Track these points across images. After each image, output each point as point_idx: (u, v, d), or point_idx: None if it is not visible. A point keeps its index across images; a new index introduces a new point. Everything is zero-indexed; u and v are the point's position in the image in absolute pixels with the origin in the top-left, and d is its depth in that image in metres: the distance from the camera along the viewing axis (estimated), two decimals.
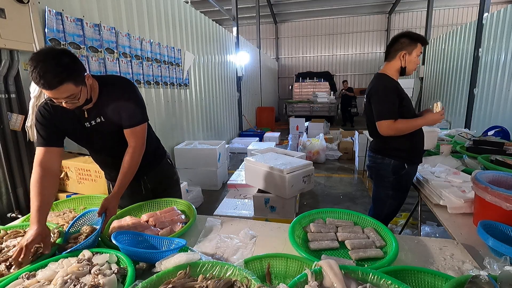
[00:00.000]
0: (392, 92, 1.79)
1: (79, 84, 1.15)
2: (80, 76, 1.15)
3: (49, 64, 1.05)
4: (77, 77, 1.13)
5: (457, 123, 6.80)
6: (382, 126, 1.78)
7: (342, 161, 5.87)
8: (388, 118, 1.75)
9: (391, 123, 1.75)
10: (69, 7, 2.58)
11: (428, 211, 1.71)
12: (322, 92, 11.18)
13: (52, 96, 1.12)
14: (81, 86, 1.16)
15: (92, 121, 1.32)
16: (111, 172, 1.61)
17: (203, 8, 9.80)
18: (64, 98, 1.13)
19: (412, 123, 1.79)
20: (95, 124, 1.33)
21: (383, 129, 1.78)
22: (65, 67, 1.08)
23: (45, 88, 1.07)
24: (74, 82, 1.12)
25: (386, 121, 1.75)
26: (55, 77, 1.06)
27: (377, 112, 1.81)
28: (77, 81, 1.13)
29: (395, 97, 1.78)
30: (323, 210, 1.39)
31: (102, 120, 1.33)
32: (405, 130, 1.79)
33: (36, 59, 1.04)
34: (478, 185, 1.28)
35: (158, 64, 4.00)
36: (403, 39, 1.80)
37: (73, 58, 1.14)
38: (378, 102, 1.81)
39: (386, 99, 1.78)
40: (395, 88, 1.80)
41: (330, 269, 0.82)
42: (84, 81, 1.18)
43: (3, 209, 2.14)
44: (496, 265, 0.93)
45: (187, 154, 4.30)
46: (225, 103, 7.01)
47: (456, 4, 11.81)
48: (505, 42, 5.05)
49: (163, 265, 0.92)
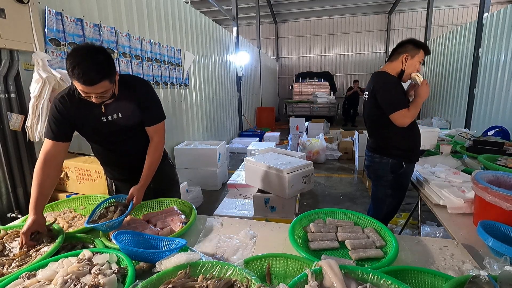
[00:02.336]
0: (397, 83, 1.83)
1: (113, 82, 1.23)
2: (114, 73, 1.23)
3: (90, 61, 1.12)
4: (113, 75, 1.22)
5: (457, 123, 6.81)
6: (397, 117, 1.78)
7: (342, 161, 5.87)
8: (402, 107, 1.77)
9: (406, 112, 1.77)
10: (69, 7, 2.58)
11: (428, 211, 1.71)
12: (322, 92, 11.18)
13: (87, 91, 1.17)
14: (113, 83, 1.24)
15: (109, 116, 1.37)
16: (113, 171, 1.63)
17: (203, 8, 9.80)
18: (98, 93, 1.19)
19: (417, 104, 1.81)
20: (111, 120, 1.38)
21: (400, 119, 1.78)
22: (103, 65, 1.16)
23: (86, 84, 1.13)
24: (110, 80, 1.20)
25: (401, 111, 1.77)
26: (97, 75, 1.13)
27: (388, 105, 1.81)
28: (111, 79, 1.21)
29: (402, 88, 1.83)
30: (323, 210, 1.39)
31: (120, 117, 1.38)
32: (416, 112, 1.81)
33: (77, 56, 1.11)
34: (478, 185, 1.28)
35: (158, 64, 4.00)
36: (408, 45, 1.84)
37: (109, 56, 1.21)
38: (387, 95, 1.82)
39: (394, 91, 1.81)
40: (398, 81, 1.86)
41: (330, 269, 0.82)
42: (115, 78, 1.26)
43: (3, 209, 2.14)
44: (496, 265, 0.93)
45: (187, 154, 4.30)
46: (225, 103, 7.01)
47: (456, 4, 11.80)
48: (505, 42, 5.05)
49: (163, 265, 0.92)
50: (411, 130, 1.89)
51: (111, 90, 1.25)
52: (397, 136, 1.87)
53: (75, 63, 1.10)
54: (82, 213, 1.55)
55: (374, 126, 2.00)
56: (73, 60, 1.11)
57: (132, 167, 1.54)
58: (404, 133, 1.86)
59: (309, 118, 8.55)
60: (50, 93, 2.06)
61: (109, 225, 1.17)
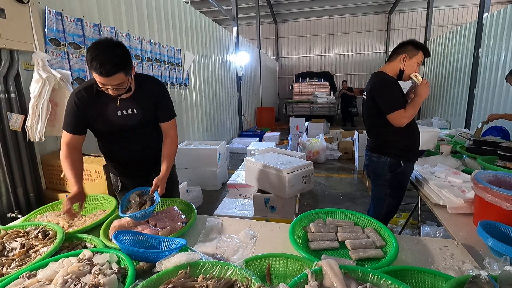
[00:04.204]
0: (395, 84, 1.85)
1: (128, 75, 1.31)
2: (130, 67, 1.31)
3: (108, 54, 1.20)
4: (129, 68, 1.30)
5: (457, 123, 6.81)
6: (394, 117, 1.80)
7: (342, 161, 5.86)
8: (399, 108, 1.79)
9: (402, 112, 1.79)
10: (69, 7, 2.58)
11: (428, 211, 1.71)
12: (322, 92, 11.17)
13: (104, 83, 1.26)
14: (129, 76, 1.32)
15: (124, 110, 1.44)
16: (120, 166, 1.68)
17: (203, 8, 9.80)
18: (114, 85, 1.27)
19: (415, 104, 1.82)
20: (126, 114, 1.45)
21: (397, 120, 1.80)
22: (120, 58, 1.24)
23: (102, 75, 1.21)
24: (125, 72, 1.27)
25: (398, 112, 1.78)
26: (113, 67, 1.21)
27: (385, 105, 1.83)
28: (127, 72, 1.29)
29: (400, 88, 1.84)
30: (323, 210, 1.39)
31: (134, 112, 1.46)
32: (414, 113, 1.82)
33: (96, 49, 1.21)
34: (478, 185, 1.28)
35: (158, 64, 4.00)
36: (408, 45, 1.85)
37: (126, 51, 1.29)
38: (384, 96, 1.84)
39: (392, 92, 1.83)
40: (396, 81, 1.87)
41: (330, 269, 0.82)
42: (131, 72, 1.34)
43: (3, 209, 2.14)
44: (496, 265, 0.93)
45: (187, 154, 4.30)
46: (225, 103, 7.01)
47: (456, 4, 11.80)
48: (505, 42, 5.05)
49: (164, 265, 0.92)
50: (410, 130, 1.90)
51: (127, 83, 1.33)
52: (395, 136, 1.89)
53: (94, 55, 1.19)
54: (82, 213, 1.55)
55: (373, 125, 2.01)
56: (93, 52, 1.20)
57: (141, 162, 1.61)
58: (402, 133, 1.87)
59: (309, 118, 8.55)
60: (50, 93, 2.06)
61: (144, 213, 1.26)
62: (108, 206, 1.59)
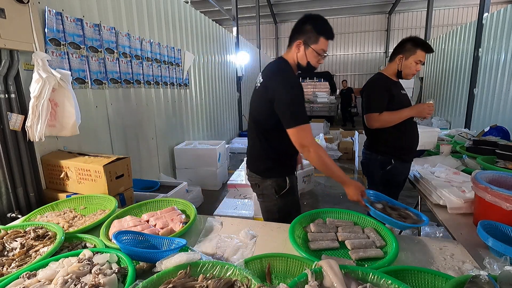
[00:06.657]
0: (382, 88, 1.87)
1: None
2: None
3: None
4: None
5: (457, 123, 6.81)
6: (367, 118, 1.89)
7: (342, 161, 5.86)
8: (374, 111, 1.85)
9: (376, 115, 1.84)
10: (69, 7, 2.57)
11: (428, 211, 1.71)
12: (322, 92, 11.17)
13: (326, 49, 1.47)
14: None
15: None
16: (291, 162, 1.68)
17: (203, 8, 9.80)
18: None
19: (398, 114, 1.84)
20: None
21: (369, 121, 1.88)
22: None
23: (333, 38, 1.46)
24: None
25: (372, 114, 1.85)
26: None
27: (365, 106, 1.92)
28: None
29: (385, 92, 1.85)
30: (323, 210, 1.39)
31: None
32: (391, 121, 1.85)
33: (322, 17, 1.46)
34: (478, 185, 1.29)
35: (158, 64, 4.00)
36: (407, 43, 1.85)
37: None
38: (367, 97, 1.93)
39: (375, 94, 1.88)
40: (386, 85, 1.88)
41: (330, 269, 0.82)
42: None
43: (3, 209, 2.14)
44: (496, 265, 0.93)
45: (187, 154, 4.30)
46: (225, 103, 7.01)
47: (456, 4, 11.81)
48: (505, 42, 5.05)
49: (164, 265, 0.92)
50: (404, 130, 1.91)
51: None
52: (388, 135, 1.91)
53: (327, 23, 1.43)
54: (82, 213, 1.55)
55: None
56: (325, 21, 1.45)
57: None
58: (395, 132, 1.89)
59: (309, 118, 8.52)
60: (50, 93, 2.06)
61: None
62: (108, 206, 1.59)
